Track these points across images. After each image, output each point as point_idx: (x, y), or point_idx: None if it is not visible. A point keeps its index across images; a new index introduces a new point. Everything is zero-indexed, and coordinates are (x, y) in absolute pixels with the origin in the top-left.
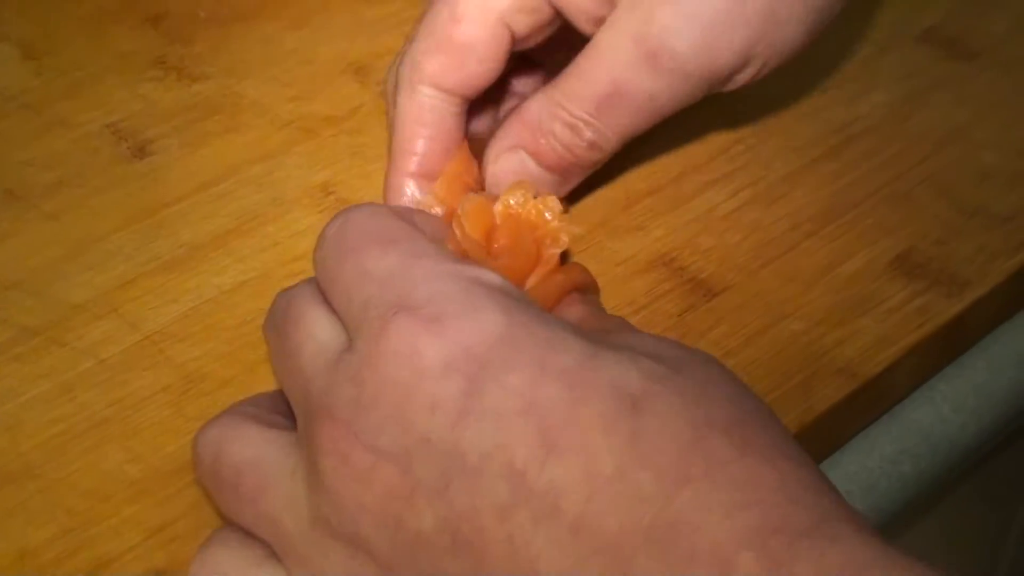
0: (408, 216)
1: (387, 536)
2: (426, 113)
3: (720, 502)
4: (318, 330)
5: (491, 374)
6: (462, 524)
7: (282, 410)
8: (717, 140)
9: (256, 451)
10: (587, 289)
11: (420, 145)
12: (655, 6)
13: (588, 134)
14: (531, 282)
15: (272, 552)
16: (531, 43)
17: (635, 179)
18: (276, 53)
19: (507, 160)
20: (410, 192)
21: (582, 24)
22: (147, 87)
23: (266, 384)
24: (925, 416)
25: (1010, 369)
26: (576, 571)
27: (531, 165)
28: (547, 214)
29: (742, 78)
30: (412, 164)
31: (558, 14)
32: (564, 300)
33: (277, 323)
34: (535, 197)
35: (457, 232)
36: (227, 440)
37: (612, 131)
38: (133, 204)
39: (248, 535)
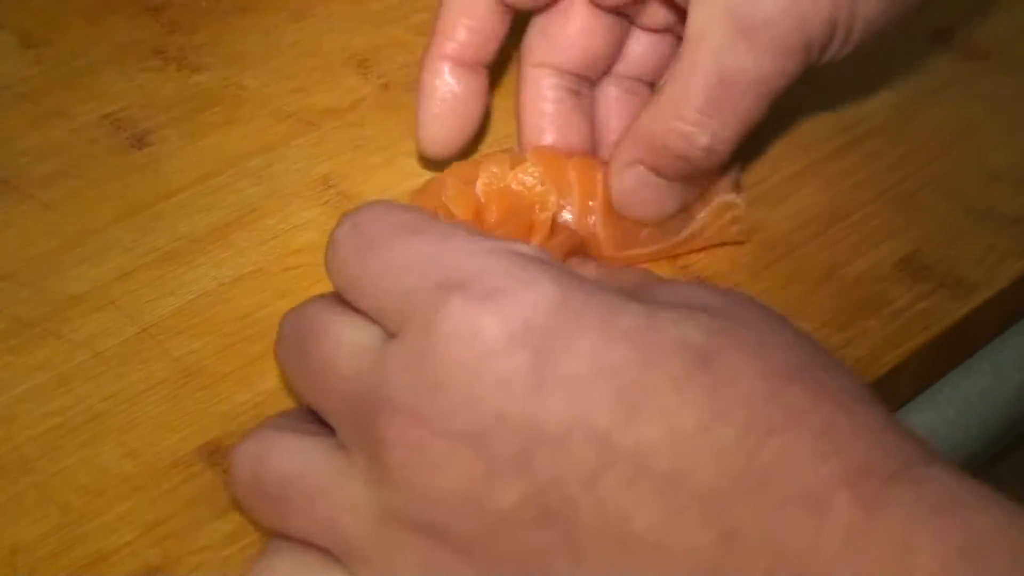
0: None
1: (467, 520)
2: (542, 95)
3: (806, 451)
4: (350, 333)
5: (558, 343)
6: (548, 496)
7: (310, 422)
8: None
9: (300, 459)
10: (584, 251)
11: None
12: None
13: (703, 140)
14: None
15: (330, 557)
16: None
17: None
18: (277, 44)
19: (629, 177)
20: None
21: None
22: (146, 77)
23: (264, 379)
24: (930, 419)
25: (1016, 373)
26: (669, 525)
27: (653, 179)
28: (528, 179)
29: (831, 50)
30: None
31: None
32: (571, 262)
33: (295, 343)
34: (512, 168)
35: (444, 219)
36: (266, 453)
37: (726, 130)
38: (131, 195)
39: (301, 544)
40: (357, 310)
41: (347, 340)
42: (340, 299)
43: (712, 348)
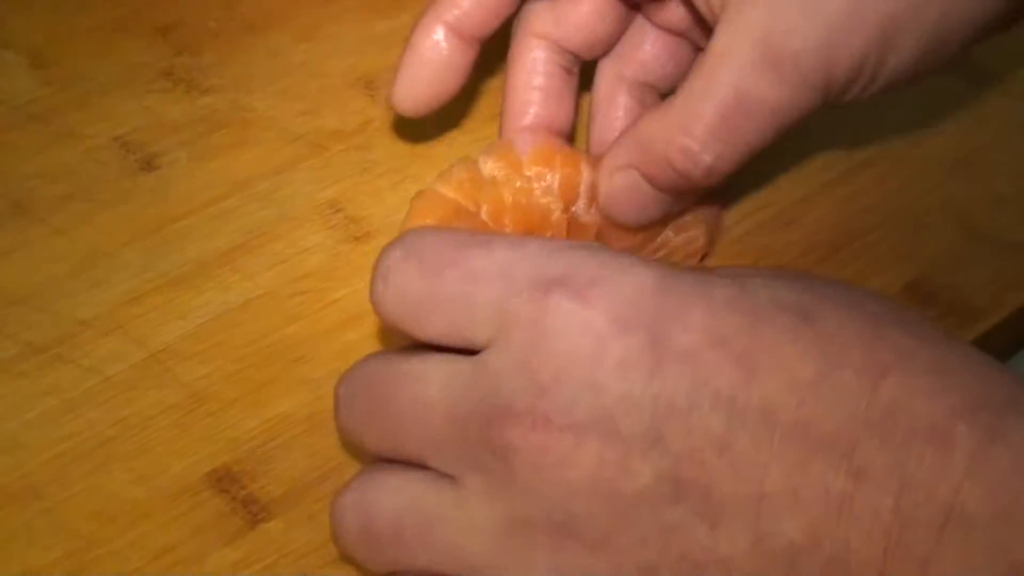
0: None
1: (603, 508)
2: (535, 67)
3: (921, 387)
4: (433, 363)
5: (668, 320)
6: (682, 466)
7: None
8: None
9: (406, 495)
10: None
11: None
12: (780, 5)
13: (706, 159)
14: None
15: None
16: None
17: None
18: (285, 65)
19: (620, 178)
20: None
21: (698, 3)
22: (155, 99)
23: (273, 405)
24: None
25: None
26: (802, 472)
27: (644, 185)
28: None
29: (851, 92)
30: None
31: None
32: None
33: (364, 400)
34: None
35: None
36: (371, 498)
37: (731, 153)
38: (140, 219)
39: None
40: (419, 343)
41: (433, 370)
42: (397, 349)
43: (807, 303)
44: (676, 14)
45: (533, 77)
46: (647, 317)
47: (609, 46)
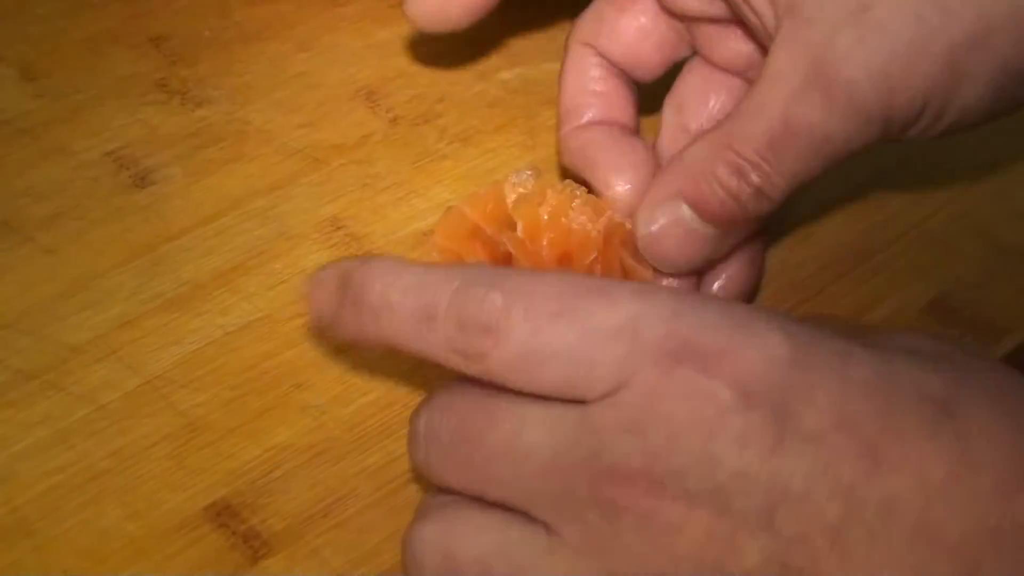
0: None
1: None
2: (588, 71)
3: None
4: (531, 408)
5: (795, 397)
6: (792, 552)
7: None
8: None
9: (496, 537)
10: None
11: (588, 111)
12: (836, 25)
13: (755, 178)
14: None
15: None
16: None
17: None
18: (282, 76)
19: (664, 212)
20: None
21: (752, 21)
22: (149, 111)
23: (272, 434)
24: None
25: None
26: None
27: (689, 217)
28: (580, 220)
29: (915, 129)
30: (581, 120)
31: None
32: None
33: (451, 436)
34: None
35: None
36: (456, 535)
37: (781, 175)
38: (133, 238)
39: None
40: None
41: (529, 418)
42: (472, 383)
43: (953, 397)
44: (733, 50)
45: (587, 82)
46: (775, 392)
47: (658, 70)
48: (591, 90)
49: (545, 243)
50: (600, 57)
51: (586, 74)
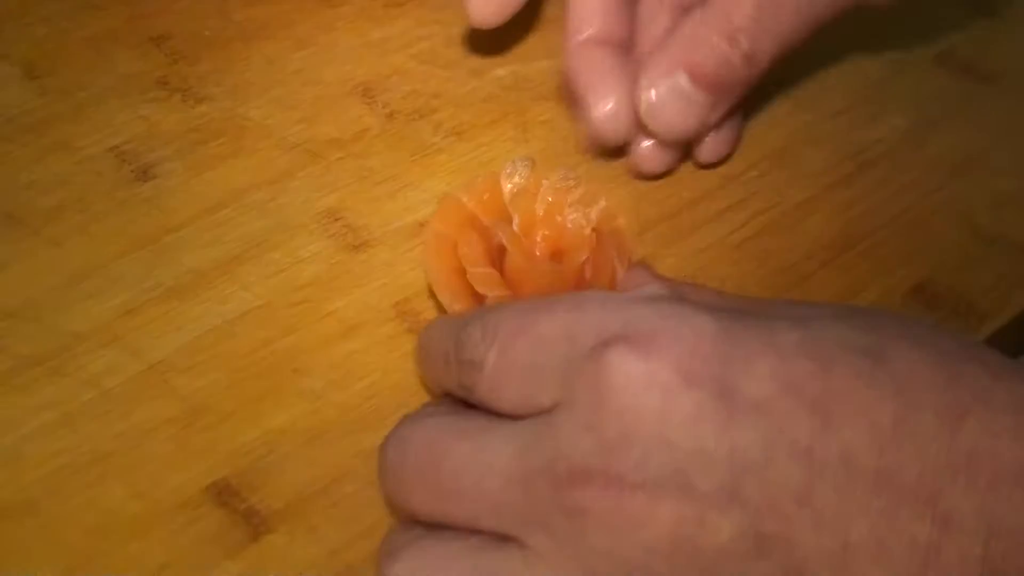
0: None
1: (683, 567)
2: None
3: (1002, 426)
4: (492, 423)
5: (735, 369)
6: (763, 520)
7: (439, 530)
8: (730, 167)
9: (471, 563)
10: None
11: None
12: None
13: (745, 44)
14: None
15: None
16: None
17: (647, 206)
18: (281, 74)
19: (664, 83)
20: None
21: None
22: (150, 108)
23: (271, 416)
24: None
25: None
26: (888, 522)
27: (687, 86)
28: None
29: None
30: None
31: None
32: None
33: (417, 454)
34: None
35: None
36: (429, 569)
37: (768, 40)
38: (136, 229)
39: None
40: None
41: (490, 433)
42: (442, 406)
43: (877, 344)
44: None
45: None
46: (713, 367)
47: None
48: (592, 6)
49: (539, 239)
50: None
51: None
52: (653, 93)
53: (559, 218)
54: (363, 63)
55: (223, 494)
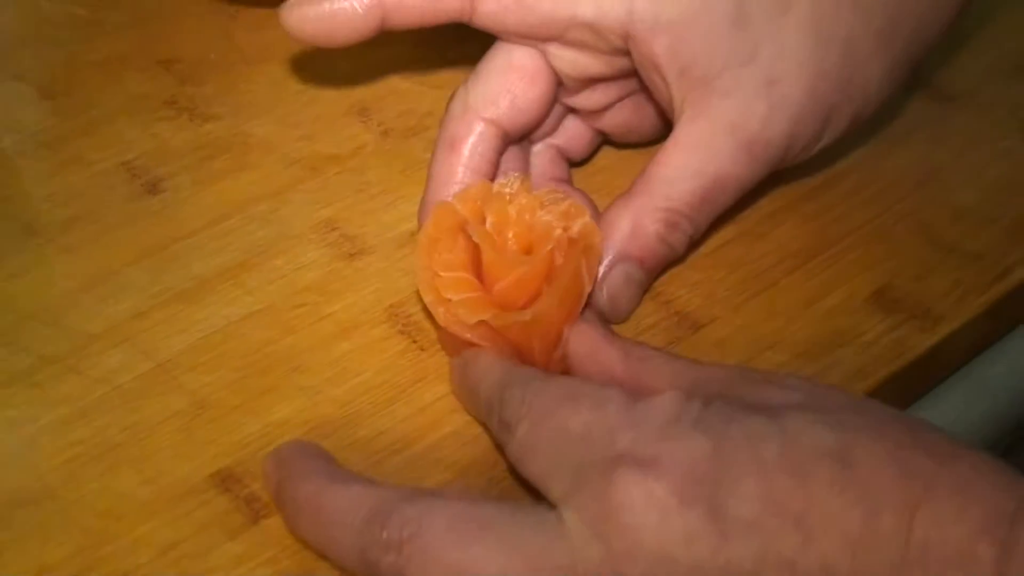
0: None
1: None
2: (465, 140)
3: (948, 511)
4: (515, 519)
5: (724, 491)
6: None
7: None
8: None
9: None
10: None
11: (459, 175)
12: (750, 99)
13: (688, 228)
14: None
15: None
16: (581, 93)
17: None
18: (283, 94)
19: (615, 277)
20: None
21: (661, 92)
22: (160, 126)
23: (272, 410)
24: None
25: (982, 402)
26: None
27: (634, 272)
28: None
29: (796, 160)
30: (449, 192)
31: (624, 76)
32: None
33: (448, 538)
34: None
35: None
36: None
37: (706, 221)
38: (146, 239)
39: None
40: None
41: (513, 532)
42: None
43: (844, 445)
44: (591, 100)
45: (472, 158)
46: (704, 489)
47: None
48: (471, 166)
49: (511, 236)
50: (491, 130)
51: (474, 150)
52: (606, 292)
53: (528, 217)
54: (359, 84)
55: (226, 481)
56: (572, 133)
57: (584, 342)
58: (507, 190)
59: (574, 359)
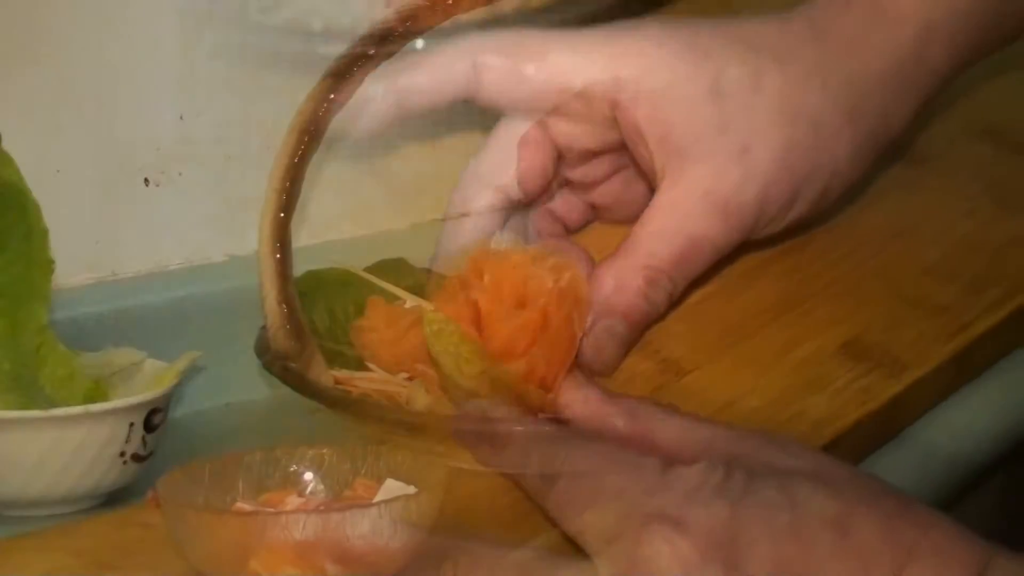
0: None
1: None
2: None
3: (929, 571)
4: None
5: (740, 552)
6: None
7: None
8: None
9: None
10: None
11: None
12: (724, 166)
13: (668, 286)
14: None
15: None
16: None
17: None
18: None
19: (599, 331)
20: None
21: (644, 159)
22: None
23: None
24: None
25: (947, 446)
26: None
27: (618, 327)
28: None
29: (767, 229)
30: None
31: (615, 150)
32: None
33: None
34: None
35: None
36: None
37: (684, 280)
38: None
39: None
40: None
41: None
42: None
43: (842, 513)
44: (587, 173)
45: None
46: (723, 550)
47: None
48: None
49: (506, 290)
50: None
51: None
52: (591, 345)
53: (522, 273)
54: None
55: None
56: (567, 206)
57: (579, 405)
58: (501, 248)
59: (573, 423)
